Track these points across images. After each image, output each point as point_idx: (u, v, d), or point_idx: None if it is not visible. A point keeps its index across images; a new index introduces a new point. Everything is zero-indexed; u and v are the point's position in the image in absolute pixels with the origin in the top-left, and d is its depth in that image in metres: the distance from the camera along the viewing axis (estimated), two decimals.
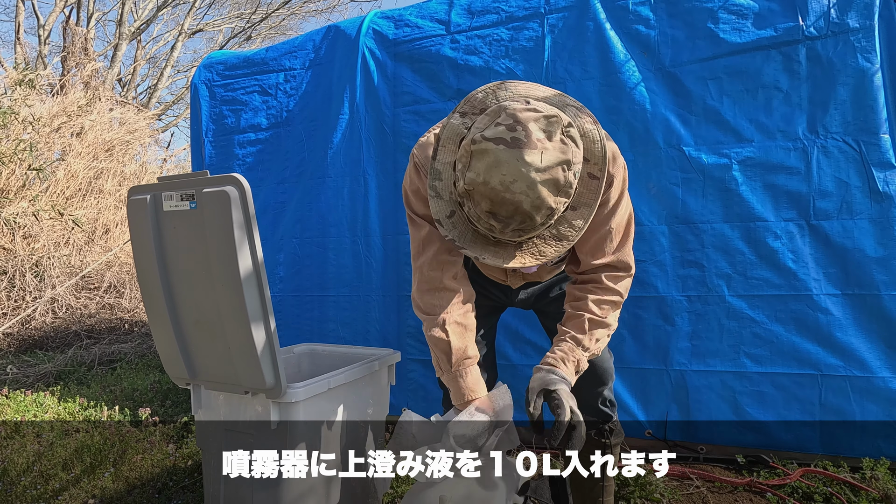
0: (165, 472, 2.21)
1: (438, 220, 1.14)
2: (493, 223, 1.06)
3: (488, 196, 1.03)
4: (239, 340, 1.32)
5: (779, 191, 2.06)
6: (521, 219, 1.04)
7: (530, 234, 1.09)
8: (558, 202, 1.06)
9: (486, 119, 1.07)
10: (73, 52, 8.80)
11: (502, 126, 1.03)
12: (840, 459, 2.01)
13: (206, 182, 1.29)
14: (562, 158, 1.03)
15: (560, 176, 1.03)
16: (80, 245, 6.04)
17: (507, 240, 1.11)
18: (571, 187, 1.06)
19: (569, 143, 1.05)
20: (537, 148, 1.01)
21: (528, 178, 1.00)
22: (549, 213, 1.06)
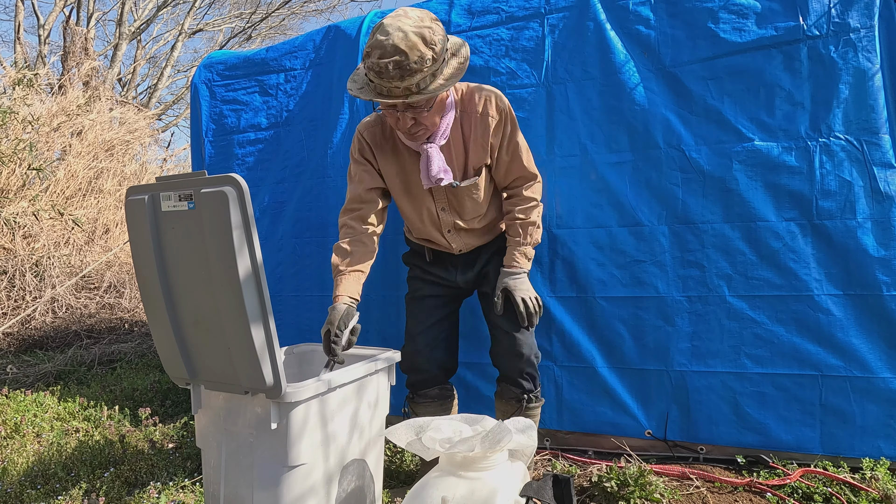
0: (165, 472, 2.21)
1: (351, 90, 1.64)
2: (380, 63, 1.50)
3: (377, 46, 1.51)
4: (238, 340, 1.32)
5: (780, 191, 2.06)
6: (399, 55, 1.49)
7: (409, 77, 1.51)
8: (426, 50, 1.51)
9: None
10: (73, 52, 8.80)
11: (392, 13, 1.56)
12: (840, 460, 2.01)
13: (204, 182, 1.29)
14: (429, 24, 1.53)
15: (427, 33, 1.51)
16: (80, 245, 6.03)
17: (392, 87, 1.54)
18: (437, 46, 1.53)
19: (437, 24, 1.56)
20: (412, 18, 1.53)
21: (401, 28, 1.50)
22: (420, 55, 1.50)
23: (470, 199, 1.86)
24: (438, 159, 1.73)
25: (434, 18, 1.57)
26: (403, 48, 1.49)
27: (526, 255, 1.86)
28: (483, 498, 1.19)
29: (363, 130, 1.86)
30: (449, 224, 1.90)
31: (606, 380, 2.24)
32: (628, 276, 2.22)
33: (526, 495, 1.23)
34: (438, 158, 1.73)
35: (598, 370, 2.25)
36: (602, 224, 2.24)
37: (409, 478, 2.11)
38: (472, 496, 1.19)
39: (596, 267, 2.25)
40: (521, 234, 1.85)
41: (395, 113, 1.65)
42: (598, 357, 2.25)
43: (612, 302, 2.24)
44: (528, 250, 1.87)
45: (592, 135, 2.26)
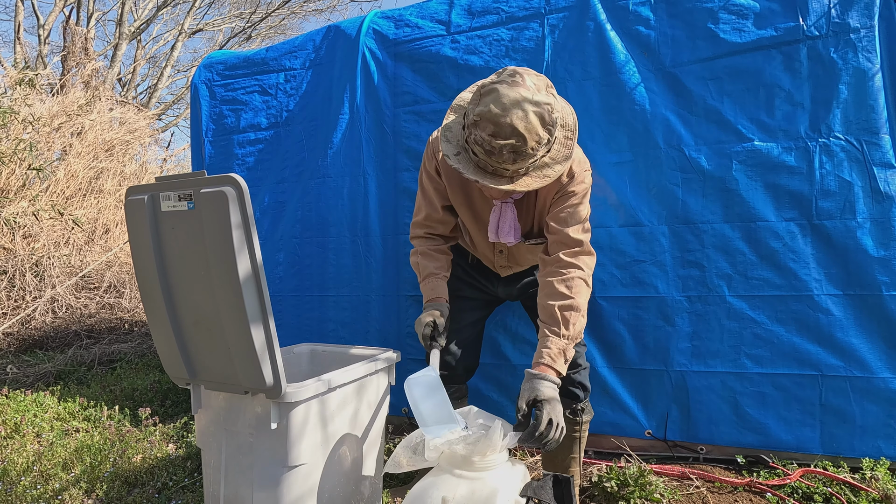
0: (165, 472, 2.21)
1: (447, 155, 1.45)
2: (493, 143, 1.33)
3: (491, 121, 1.33)
4: (238, 340, 1.32)
5: (780, 191, 2.06)
6: (516, 139, 1.32)
7: (522, 160, 1.36)
8: (544, 134, 1.35)
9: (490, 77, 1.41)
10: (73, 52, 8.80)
11: (504, 74, 1.38)
12: (840, 460, 2.01)
13: (204, 182, 1.29)
14: (548, 101, 1.35)
15: (546, 113, 1.34)
16: (80, 245, 6.03)
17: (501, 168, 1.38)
18: (555, 126, 1.37)
19: (553, 96, 1.38)
20: (530, 89, 1.34)
21: (522, 106, 1.32)
22: (538, 140, 1.34)
23: (531, 254, 1.78)
24: (510, 220, 1.61)
25: (550, 86, 1.39)
26: (522, 131, 1.31)
27: (566, 357, 1.46)
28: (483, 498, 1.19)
29: (437, 151, 1.70)
30: (502, 264, 1.85)
31: (606, 380, 2.24)
32: (628, 276, 2.22)
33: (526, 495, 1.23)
34: (511, 219, 1.61)
35: (598, 370, 2.25)
36: (602, 224, 2.24)
37: (408, 477, 2.11)
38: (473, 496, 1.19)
39: (596, 267, 2.23)
40: (559, 321, 1.47)
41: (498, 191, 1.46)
42: (598, 357, 2.25)
43: (612, 302, 2.24)
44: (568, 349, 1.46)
45: (592, 134, 2.26)
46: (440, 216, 1.77)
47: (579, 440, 1.80)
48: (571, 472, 1.82)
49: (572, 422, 1.77)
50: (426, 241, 1.80)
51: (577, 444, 1.80)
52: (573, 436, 1.79)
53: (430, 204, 1.77)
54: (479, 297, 1.96)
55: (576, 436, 1.79)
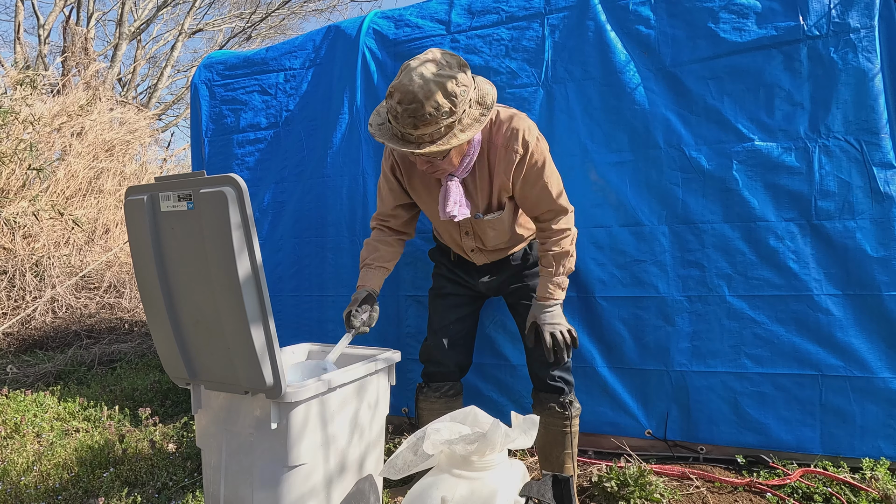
0: (165, 472, 2.21)
1: (370, 125, 1.63)
2: (397, 108, 1.48)
3: (398, 89, 1.48)
4: (238, 340, 1.32)
5: (780, 191, 2.06)
6: (415, 105, 1.45)
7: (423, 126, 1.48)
8: (444, 102, 1.46)
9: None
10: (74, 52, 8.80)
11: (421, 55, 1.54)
12: (840, 460, 2.01)
13: (203, 182, 1.29)
14: (454, 75, 1.48)
15: (449, 84, 1.46)
16: (80, 245, 6.03)
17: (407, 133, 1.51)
18: (457, 98, 1.48)
19: (463, 74, 1.51)
20: (440, 65, 1.50)
21: (423, 75, 1.46)
22: (435, 106, 1.46)
23: (492, 230, 1.84)
24: (455, 195, 1.70)
25: (463, 64, 1.52)
26: (420, 97, 1.45)
27: (560, 286, 1.78)
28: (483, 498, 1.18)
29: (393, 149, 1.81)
30: (471, 246, 1.91)
31: (606, 380, 2.24)
32: (628, 275, 2.22)
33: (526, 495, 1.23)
34: (456, 194, 1.70)
35: (598, 370, 2.25)
36: (602, 224, 2.24)
37: (409, 477, 2.11)
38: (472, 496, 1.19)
39: (596, 267, 2.25)
40: (553, 265, 1.77)
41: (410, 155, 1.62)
42: (598, 357, 2.25)
43: (612, 302, 2.24)
44: (562, 280, 1.78)
45: (592, 134, 2.26)
46: (390, 211, 1.91)
47: (570, 435, 1.82)
48: (567, 467, 1.84)
49: (561, 416, 1.80)
50: (376, 233, 1.94)
51: (568, 439, 1.82)
52: (564, 431, 1.81)
53: (383, 201, 1.92)
54: (464, 293, 2.03)
55: (566, 430, 1.81)
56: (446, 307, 2.03)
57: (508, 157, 1.69)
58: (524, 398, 2.35)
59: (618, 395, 2.23)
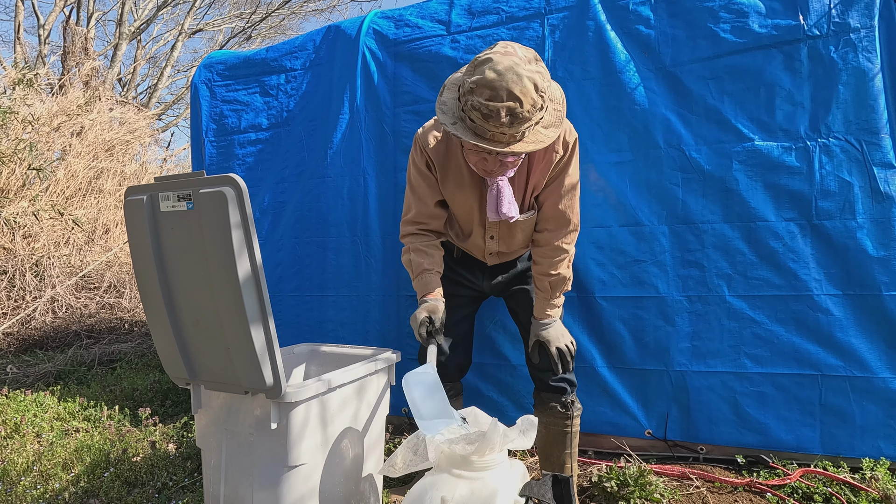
0: (165, 472, 2.21)
1: (444, 124, 1.49)
2: (491, 105, 1.38)
3: (488, 86, 1.38)
4: (238, 340, 1.32)
5: (780, 190, 2.06)
6: (512, 101, 1.37)
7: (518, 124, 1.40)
8: (537, 99, 1.40)
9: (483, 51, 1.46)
10: (73, 52, 8.79)
11: (497, 47, 1.44)
12: (840, 460, 2.01)
13: (203, 182, 1.29)
14: (539, 70, 1.42)
15: (539, 79, 1.40)
16: (80, 245, 6.03)
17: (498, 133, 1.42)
18: (545, 93, 1.42)
19: (544, 68, 1.44)
20: (521, 59, 1.40)
21: (516, 71, 1.37)
22: (532, 103, 1.39)
23: (522, 233, 1.80)
24: (509, 195, 1.63)
25: (539, 59, 1.45)
26: (518, 94, 1.37)
27: (557, 306, 1.77)
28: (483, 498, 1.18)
29: (427, 145, 1.74)
30: (493, 250, 1.87)
31: (606, 380, 2.24)
32: (628, 275, 2.22)
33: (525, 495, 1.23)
34: (509, 194, 1.64)
35: (598, 370, 2.25)
36: (602, 224, 2.24)
37: (409, 477, 2.11)
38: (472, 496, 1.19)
39: (596, 267, 2.25)
40: (550, 290, 1.74)
41: (481, 152, 1.54)
42: (598, 357, 2.25)
43: (612, 302, 2.24)
44: (559, 300, 1.77)
45: (592, 134, 2.26)
46: (431, 211, 1.81)
47: (571, 435, 1.81)
48: (567, 467, 1.83)
49: (563, 416, 1.79)
50: (418, 237, 1.82)
51: (569, 439, 1.81)
52: (565, 431, 1.80)
53: (421, 200, 1.81)
54: (466, 293, 2.00)
55: (567, 430, 1.81)
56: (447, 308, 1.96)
57: (548, 157, 1.65)
58: (524, 398, 2.35)
59: (618, 395, 2.23)
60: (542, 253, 1.75)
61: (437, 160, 1.75)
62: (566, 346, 1.76)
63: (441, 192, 1.80)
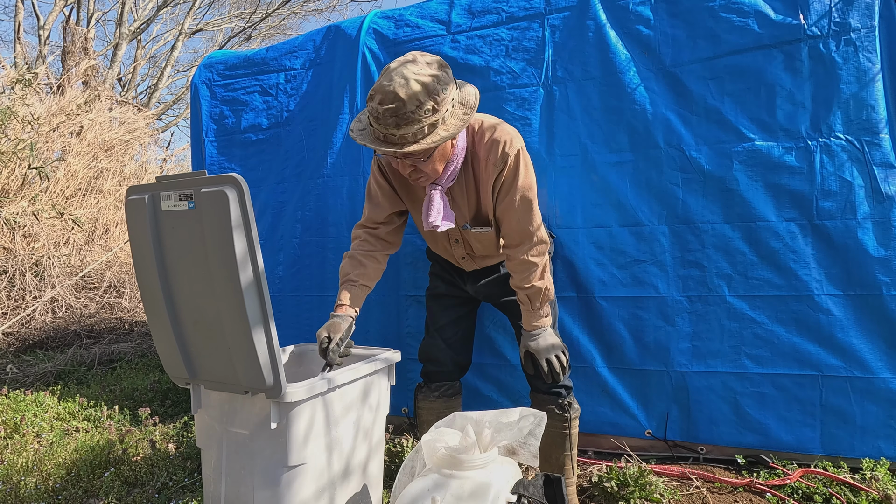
0: (165, 472, 2.21)
1: (352, 130, 1.59)
2: (378, 109, 1.45)
3: (379, 90, 1.46)
4: (238, 340, 1.32)
5: (781, 191, 2.06)
6: (397, 104, 1.43)
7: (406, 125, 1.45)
8: (426, 100, 1.44)
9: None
10: (73, 52, 8.79)
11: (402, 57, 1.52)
12: (840, 460, 2.00)
13: (204, 182, 1.28)
14: (436, 74, 1.47)
15: (430, 82, 1.45)
16: (79, 245, 6.03)
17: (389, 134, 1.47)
18: (439, 95, 1.46)
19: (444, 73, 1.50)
20: (420, 65, 1.48)
21: (404, 75, 1.45)
22: (418, 104, 1.43)
23: (480, 244, 1.82)
24: (438, 205, 1.66)
25: (444, 65, 1.51)
26: (402, 96, 1.42)
27: (542, 315, 1.76)
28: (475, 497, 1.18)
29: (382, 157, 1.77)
30: (461, 254, 1.88)
31: (606, 380, 2.24)
32: (628, 276, 2.22)
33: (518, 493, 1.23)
34: (438, 204, 1.66)
35: (598, 370, 2.25)
36: (602, 224, 2.24)
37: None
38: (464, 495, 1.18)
39: (596, 267, 2.25)
40: (529, 301, 1.74)
41: (393, 158, 1.58)
42: (598, 357, 2.25)
43: (612, 302, 2.24)
44: (543, 311, 1.76)
45: (593, 135, 2.26)
46: (383, 218, 1.83)
47: (570, 437, 1.81)
48: (566, 469, 1.83)
49: (560, 418, 1.79)
50: (362, 243, 1.83)
51: (568, 441, 1.81)
52: (563, 433, 1.80)
53: (374, 207, 1.83)
54: (458, 293, 2.01)
55: (566, 432, 1.81)
56: (441, 308, 2.03)
57: (489, 171, 1.66)
58: (524, 398, 2.35)
59: (618, 396, 2.23)
60: (512, 268, 1.74)
61: (391, 170, 1.78)
62: (556, 356, 1.73)
63: (400, 202, 1.84)
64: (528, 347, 1.76)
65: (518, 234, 1.70)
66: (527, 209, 1.67)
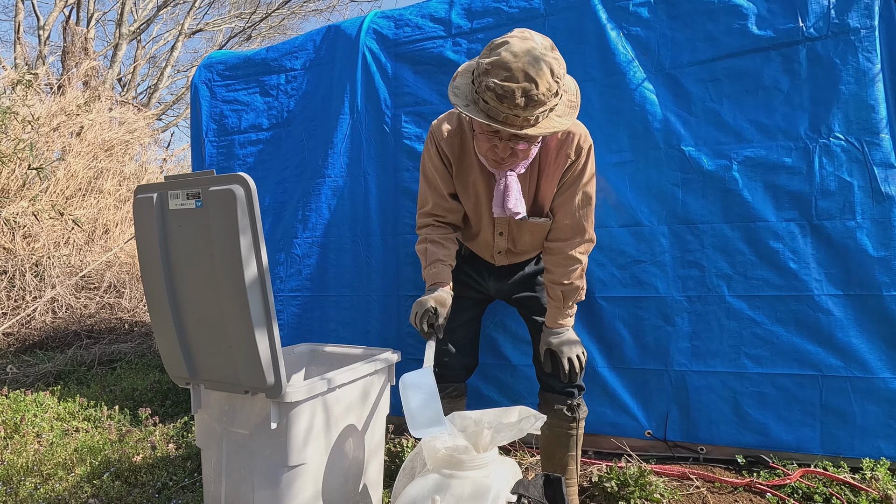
0: (165, 472, 2.21)
1: (456, 105, 1.47)
2: (506, 86, 1.36)
3: (503, 67, 1.37)
4: (241, 339, 1.32)
5: (780, 191, 2.06)
6: (528, 82, 1.36)
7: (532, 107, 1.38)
8: (553, 84, 1.39)
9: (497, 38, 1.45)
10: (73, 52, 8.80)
11: (514, 31, 1.43)
12: (840, 460, 2.01)
13: (213, 181, 1.29)
14: (556, 57, 1.42)
15: (555, 65, 1.40)
16: (80, 245, 6.03)
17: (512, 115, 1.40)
18: (561, 80, 1.42)
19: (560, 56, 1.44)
20: (538, 45, 1.40)
21: (533, 54, 1.37)
22: (548, 87, 1.38)
23: (531, 235, 1.77)
24: (517, 190, 1.61)
25: (555, 48, 1.44)
26: (534, 76, 1.36)
27: (569, 314, 1.74)
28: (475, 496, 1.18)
29: (441, 138, 1.72)
30: (501, 248, 1.83)
31: (606, 380, 2.24)
32: (628, 276, 2.22)
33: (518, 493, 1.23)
34: (517, 190, 1.61)
35: (598, 370, 2.25)
36: (602, 224, 2.25)
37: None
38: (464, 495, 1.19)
39: (596, 267, 2.25)
40: (562, 299, 1.71)
41: (492, 138, 1.51)
42: (598, 357, 2.26)
43: (612, 302, 2.24)
44: (572, 309, 1.74)
45: (593, 135, 2.24)
46: (448, 204, 1.78)
47: (576, 437, 1.80)
48: (569, 469, 1.82)
49: (569, 419, 1.78)
50: (435, 228, 1.79)
51: (573, 441, 1.80)
52: (570, 433, 1.79)
53: (437, 192, 1.77)
54: (472, 295, 1.96)
55: (573, 433, 1.80)
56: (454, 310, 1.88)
57: (559, 162, 1.63)
58: (525, 398, 2.35)
59: (618, 396, 2.23)
60: (555, 262, 1.71)
61: (451, 152, 1.72)
62: (577, 356, 1.72)
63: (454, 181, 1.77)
64: (551, 344, 1.73)
65: (572, 228, 1.68)
66: (587, 204, 1.67)
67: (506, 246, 1.82)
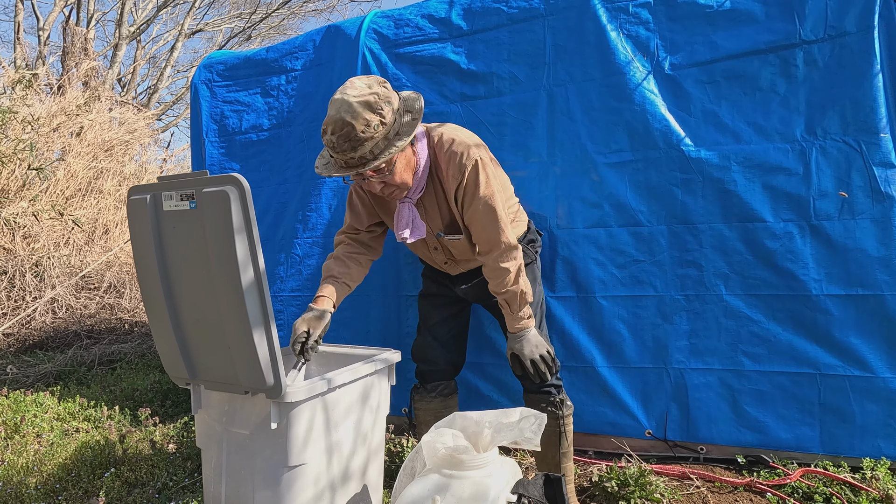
0: (165, 472, 2.21)
1: (317, 167, 1.68)
2: (331, 139, 1.53)
3: (328, 122, 1.53)
4: (239, 340, 1.32)
5: (777, 192, 2.06)
6: (346, 130, 1.50)
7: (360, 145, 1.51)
8: (373, 117, 1.51)
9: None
10: (73, 52, 8.80)
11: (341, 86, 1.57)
12: (840, 459, 2.01)
13: (206, 182, 1.29)
14: (375, 91, 1.53)
15: (371, 100, 1.51)
16: (79, 245, 6.03)
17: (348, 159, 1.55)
18: (383, 109, 1.52)
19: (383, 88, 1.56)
20: (357, 88, 1.54)
21: (345, 101, 1.51)
22: (366, 123, 1.50)
23: (457, 249, 1.85)
24: (407, 218, 1.73)
25: (382, 82, 1.57)
26: (349, 120, 1.49)
27: (524, 317, 1.76)
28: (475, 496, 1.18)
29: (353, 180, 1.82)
30: (443, 259, 1.92)
31: (606, 379, 2.24)
32: (628, 275, 2.22)
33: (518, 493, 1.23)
34: (407, 217, 1.73)
35: (598, 370, 2.25)
36: (602, 224, 2.25)
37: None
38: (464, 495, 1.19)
39: (596, 267, 2.25)
40: (507, 305, 1.76)
41: (359, 180, 1.64)
42: (598, 357, 2.26)
43: (611, 301, 2.24)
44: (524, 312, 1.76)
45: (592, 136, 2.27)
46: (364, 226, 1.90)
47: (564, 434, 1.82)
48: (564, 466, 1.84)
49: (554, 416, 1.80)
50: (345, 247, 1.90)
51: (563, 438, 1.82)
52: (557, 430, 1.81)
53: (358, 217, 1.90)
54: (447, 293, 2.03)
55: (560, 430, 1.81)
56: (431, 307, 2.05)
57: (450, 181, 1.70)
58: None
59: (618, 395, 2.23)
60: (487, 273, 1.77)
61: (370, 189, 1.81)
62: (540, 356, 1.74)
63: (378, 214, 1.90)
64: (513, 349, 1.78)
65: (486, 241, 1.72)
66: (491, 217, 1.69)
67: (444, 258, 1.91)
